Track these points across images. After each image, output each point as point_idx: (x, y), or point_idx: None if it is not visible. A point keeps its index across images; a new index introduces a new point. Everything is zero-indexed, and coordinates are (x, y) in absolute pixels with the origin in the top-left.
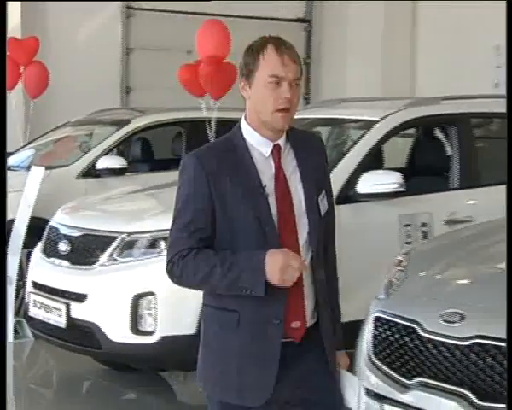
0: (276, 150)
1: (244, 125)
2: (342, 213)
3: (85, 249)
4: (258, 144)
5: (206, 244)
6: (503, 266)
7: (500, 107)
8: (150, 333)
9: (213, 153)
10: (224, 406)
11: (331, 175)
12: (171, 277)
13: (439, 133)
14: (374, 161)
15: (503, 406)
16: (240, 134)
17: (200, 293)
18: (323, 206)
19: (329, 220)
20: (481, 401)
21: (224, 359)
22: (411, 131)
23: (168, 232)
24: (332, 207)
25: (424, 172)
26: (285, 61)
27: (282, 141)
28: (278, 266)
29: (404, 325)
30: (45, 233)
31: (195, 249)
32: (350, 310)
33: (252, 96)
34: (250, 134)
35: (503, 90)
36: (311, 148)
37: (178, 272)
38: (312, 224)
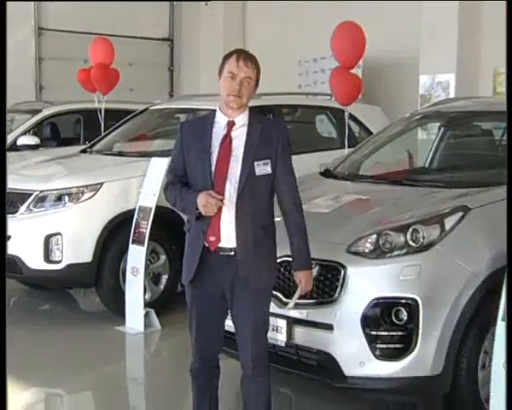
0: (231, 124)
1: (218, 107)
2: None
3: (9, 203)
4: (220, 119)
5: (181, 179)
6: (305, 207)
7: (302, 101)
8: (58, 262)
9: (192, 122)
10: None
11: None
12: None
13: None
14: None
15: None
16: (213, 113)
17: (94, 232)
18: (262, 169)
19: (280, 181)
20: (286, 298)
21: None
22: None
23: (69, 190)
24: (288, 173)
25: None
26: (239, 64)
27: (237, 119)
28: (202, 204)
29: None
30: None
31: (173, 183)
32: None
33: (220, 85)
34: (218, 112)
35: (303, 90)
36: (270, 131)
37: (166, 198)
38: (242, 177)
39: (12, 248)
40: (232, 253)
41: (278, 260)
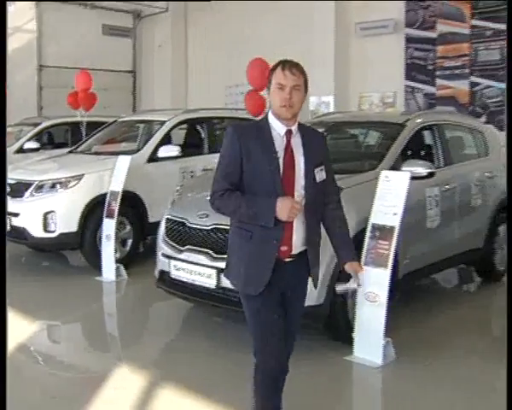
0: (289, 133)
1: (270, 114)
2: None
3: (18, 189)
4: (277, 127)
5: (236, 186)
6: None
7: (227, 114)
8: (53, 232)
9: (245, 126)
10: (243, 295)
11: None
12: (213, 208)
13: (198, 127)
14: (169, 140)
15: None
16: (266, 120)
17: (78, 210)
18: (320, 175)
19: (328, 184)
20: (216, 254)
21: (240, 261)
22: (185, 125)
23: (60, 180)
24: (331, 177)
25: (192, 146)
26: (285, 74)
27: (293, 128)
28: (287, 208)
29: (179, 221)
30: None
31: (229, 190)
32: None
33: (270, 97)
34: (272, 120)
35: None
36: (315, 138)
37: (217, 206)
38: (307, 184)
39: (21, 222)
40: (293, 259)
41: (210, 228)
